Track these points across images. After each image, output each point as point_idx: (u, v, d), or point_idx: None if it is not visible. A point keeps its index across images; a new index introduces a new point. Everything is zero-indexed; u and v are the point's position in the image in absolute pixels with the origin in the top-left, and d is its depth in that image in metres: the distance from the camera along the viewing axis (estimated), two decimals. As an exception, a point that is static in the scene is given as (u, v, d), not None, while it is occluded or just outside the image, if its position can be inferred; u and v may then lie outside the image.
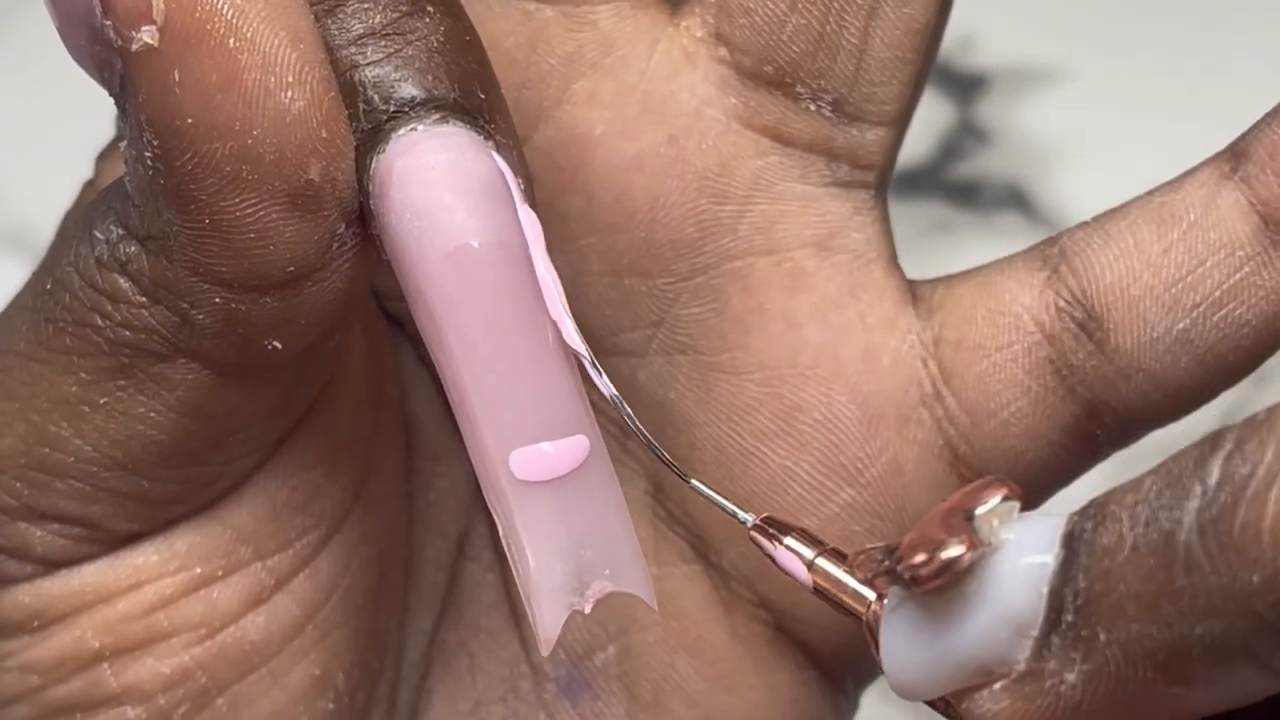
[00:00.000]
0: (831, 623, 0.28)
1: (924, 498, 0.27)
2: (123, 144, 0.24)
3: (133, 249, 0.24)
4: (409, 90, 0.23)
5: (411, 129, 0.23)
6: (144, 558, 0.26)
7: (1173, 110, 0.61)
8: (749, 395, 0.28)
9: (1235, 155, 0.26)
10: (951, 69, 0.63)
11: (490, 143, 0.24)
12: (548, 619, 0.24)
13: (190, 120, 0.22)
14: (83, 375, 0.25)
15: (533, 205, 0.24)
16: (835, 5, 0.26)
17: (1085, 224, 0.27)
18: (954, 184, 0.61)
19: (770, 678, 0.28)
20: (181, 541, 0.26)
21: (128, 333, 0.24)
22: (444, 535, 0.29)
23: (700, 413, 0.28)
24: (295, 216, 0.23)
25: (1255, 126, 0.26)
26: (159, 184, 0.23)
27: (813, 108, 0.27)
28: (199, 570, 0.26)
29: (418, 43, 0.24)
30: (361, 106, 0.23)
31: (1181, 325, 0.26)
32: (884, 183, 0.28)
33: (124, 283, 0.24)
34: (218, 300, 0.23)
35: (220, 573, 0.26)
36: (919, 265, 0.29)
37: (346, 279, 0.24)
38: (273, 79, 0.22)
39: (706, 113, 0.27)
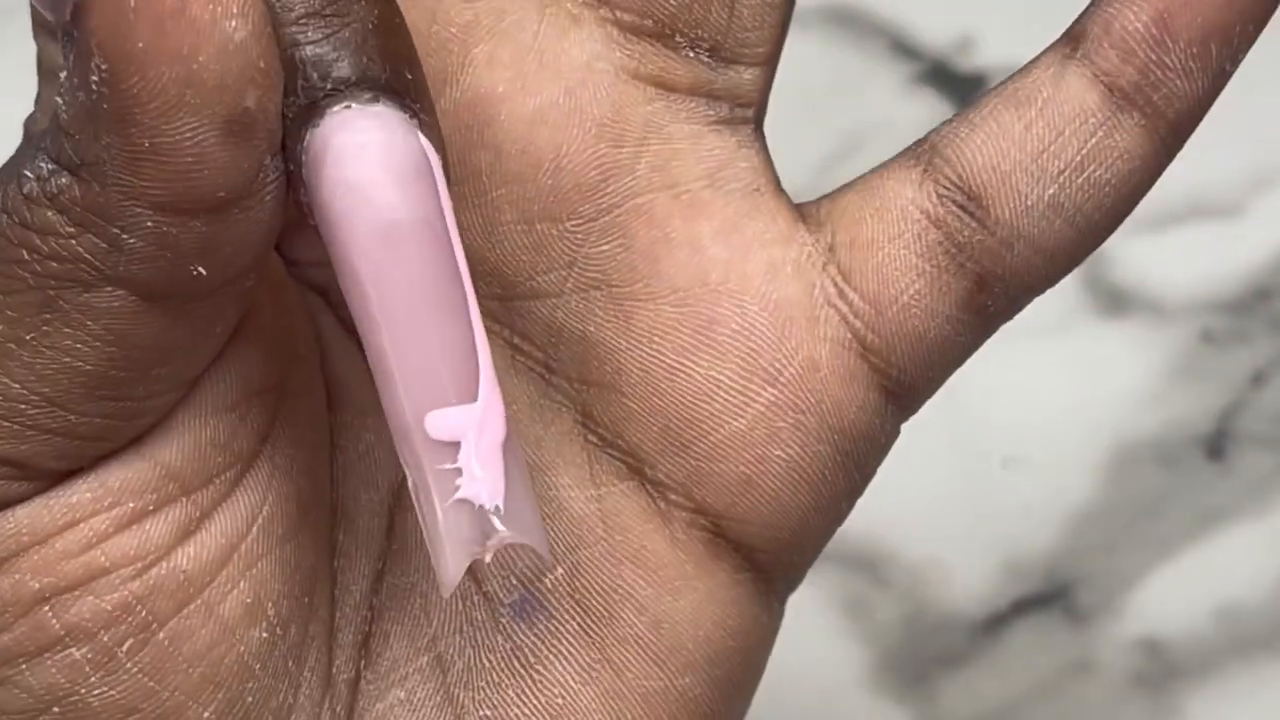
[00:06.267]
0: (765, 519, 0.30)
1: (840, 389, 0.29)
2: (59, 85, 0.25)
3: (64, 180, 0.25)
4: (345, 69, 0.25)
5: (345, 106, 0.25)
6: (77, 495, 0.27)
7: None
8: (666, 317, 0.30)
9: (1072, 39, 0.29)
10: (951, 69, 0.63)
11: (415, 122, 0.26)
12: (451, 568, 0.26)
13: (141, 45, 0.24)
14: (9, 314, 0.26)
15: (449, 182, 0.26)
16: None
17: (948, 121, 0.30)
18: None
19: (710, 580, 0.30)
20: (113, 478, 0.27)
21: (55, 264, 0.25)
22: (375, 485, 0.31)
23: (622, 340, 0.30)
24: (230, 142, 0.24)
25: (1087, 10, 0.29)
26: (101, 109, 0.24)
27: (691, 55, 0.30)
28: (131, 505, 0.27)
29: (355, 24, 0.25)
30: (300, 82, 0.25)
31: (1051, 191, 0.29)
32: (761, 119, 0.31)
33: (53, 215, 0.25)
34: (149, 224, 0.25)
35: (151, 507, 0.27)
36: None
37: (269, 211, 0.25)
38: (219, 8, 0.24)
39: (597, 66, 0.30)
